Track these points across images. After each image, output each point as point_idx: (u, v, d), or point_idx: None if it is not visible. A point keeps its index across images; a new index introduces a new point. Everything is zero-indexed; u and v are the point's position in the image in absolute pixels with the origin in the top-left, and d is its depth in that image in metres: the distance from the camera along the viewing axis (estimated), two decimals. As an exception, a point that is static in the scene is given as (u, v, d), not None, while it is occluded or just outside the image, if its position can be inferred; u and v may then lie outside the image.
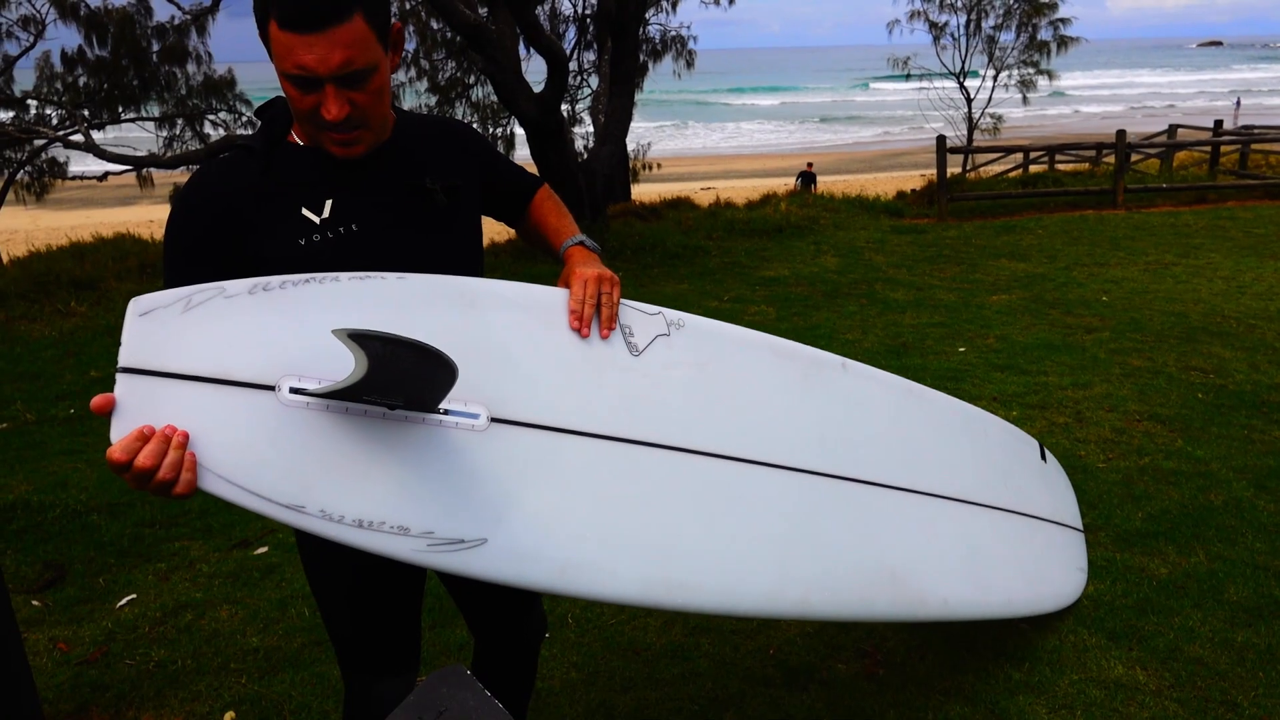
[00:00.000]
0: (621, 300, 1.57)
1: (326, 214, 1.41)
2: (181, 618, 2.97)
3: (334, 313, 1.33)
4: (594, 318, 1.52)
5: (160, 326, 1.25)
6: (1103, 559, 3.05)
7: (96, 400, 1.19)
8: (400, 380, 1.26)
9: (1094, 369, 5.13)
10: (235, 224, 1.37)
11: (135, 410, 1.21)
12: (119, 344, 1.25)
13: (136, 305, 1.25)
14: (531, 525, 1.42)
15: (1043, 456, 2.58)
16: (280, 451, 1.27)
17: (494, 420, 1.42)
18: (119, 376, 1.22)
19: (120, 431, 1.19)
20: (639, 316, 1.60)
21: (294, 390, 1.28)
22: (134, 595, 3.14)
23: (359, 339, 1.14)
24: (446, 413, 1.37)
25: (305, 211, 1.40)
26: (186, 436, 1.20)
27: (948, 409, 2.19)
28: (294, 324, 1.31)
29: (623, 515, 1.49)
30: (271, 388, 1.28)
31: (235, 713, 2.48)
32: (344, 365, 1.27)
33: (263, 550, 3.44)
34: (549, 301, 1.53)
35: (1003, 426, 2.44)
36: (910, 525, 1.93)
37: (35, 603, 3.11)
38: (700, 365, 1.65)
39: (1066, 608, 2.59)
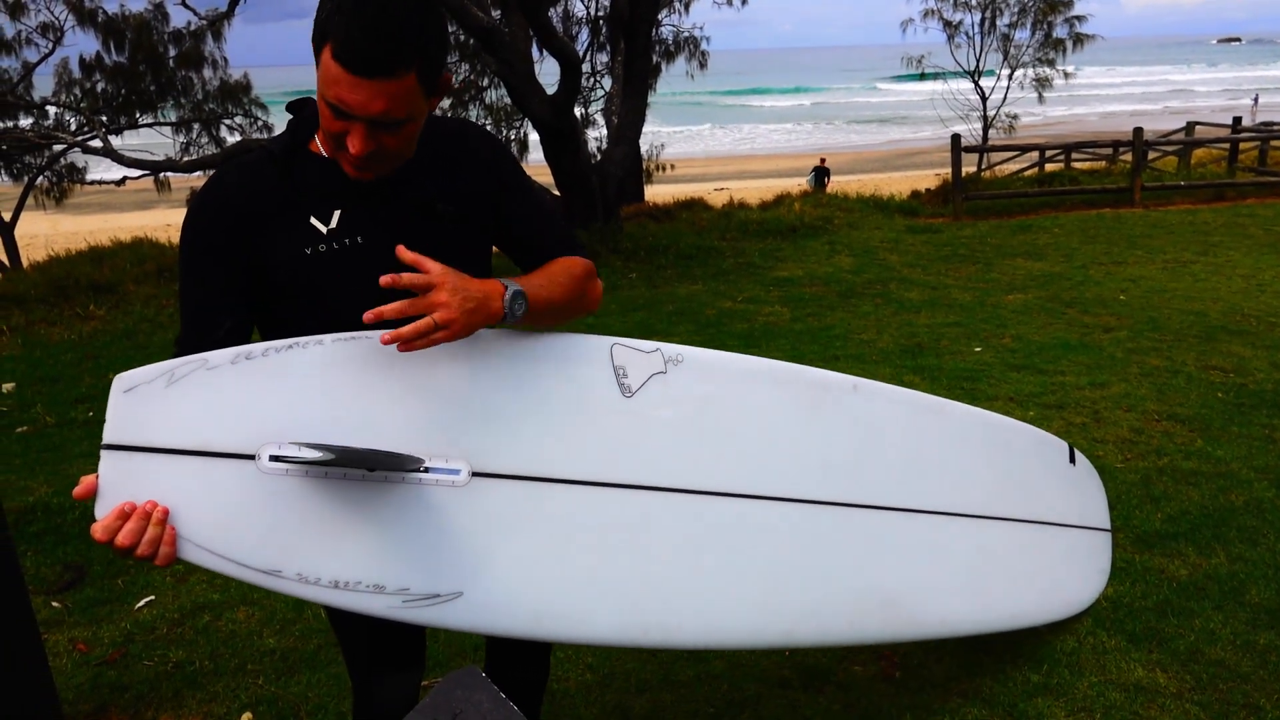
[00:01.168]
0: (618, 340, 1.53)
1: (334, 225, 1.40)
2: (199, 619, 2.99)
3: (317, 376, 1.36)
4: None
5: (144, 402, 1.29)
6: (1122, 560, 3.03)
7: (79, 489, 1.23)
8: (372, 457, 1.31)
9: (1111, 368, 5.09)
10: (248, 227, 1.38)
11: (119, 486, 1.25)
12: (138, 348, 1.27)
13: (120, 382, 1.29)
14: (507, 577, 1.44)
15: (1071, 460, 2.54)
16: (259, 519, 1.31)
17: (475, 474, 1.43)
18: (103, 453, 1.26)
19: (103, 510, 1.23)
20: (635, 356, 1.57)
21: (274, 458, 1.31)
22: (152, 596, 3.16)
23: (321, 449, 1.22)
24: (427, 470, 1.39)
25: (313, 220, 1.40)
26: (166, 513, 1.24)
27: (967, 421, 2.14)
28: (276, 391, 1.34)
29: (601, 560, 1.51)
30: (252, 457, 1.31)
31: (252, 713, 2.49)
32: (324, 430, 1.31)
33: (279, 552, 3.45)
34: (534, 350, 1.51)
35: (1029, 433, 2.38)
36: (911, 546, 1.91)
37: (55, 604, 3.14)
38: (700, 401, 1.62)
39: (1083, 611, 2.57)
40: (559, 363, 1.52)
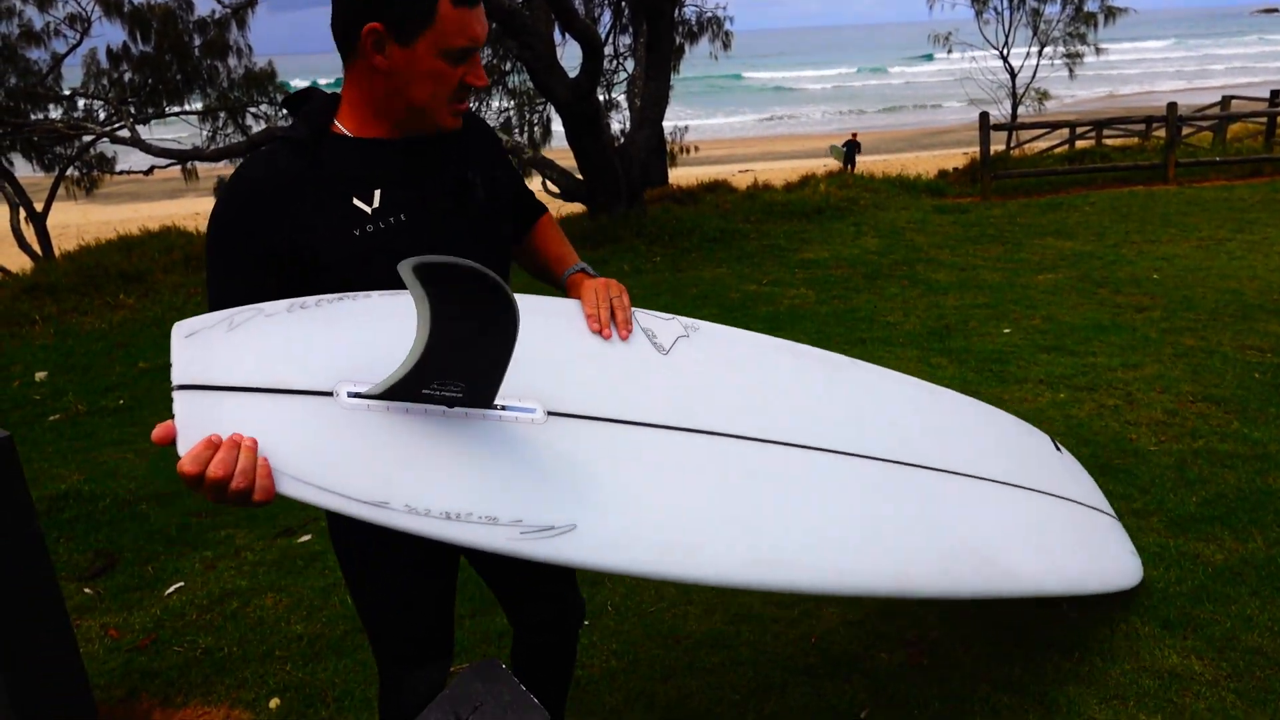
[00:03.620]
0: (635, 308, 1.63)
1: (377, 204, 1.43)
2: (228, 605, 3.02)
3: (373, 325, 1.35)
4: (610, 321, 1.60)
5: (206, 346, 1.25)
6: (1156, 545, 2.97)
7: (157, 432, 1.15)
8: (452, 368, 1.25)
9: (1145, 349, 4.99)
10: (282, 215, 1.37)
11: (198, 422, 1.18)
12: (166, 336, 1.25)
13: (180, 328, 1.25)
14: (619, 510, 1.41)
15: (1056, 449, 2.58)
16: (352, 452, 1.26)
17: (550, 414, 1.42)
18: (176, 395, 1.20)
19: (187, 444, 1.15)
20: (656, 321, 1.69)
21: (352, 394, 1.28)
22: (182, 583, 3.19)
23: (421, 271, 1.14)
24: (504, 408, 1.38)
25: (356, 202, 1.42)
26: (256, 443, 1.17)
27: (962, 403, 2.23)
28: (338, 336, 1.32)
29: (707, 500, 1.50)
30: (329, 393, 1.27)
31: (280, 699, 2.51)
32: (390, 372, 1.28)
33: (306, 538, 3.48)
34: (569, 311, 1.59)
35: (1013, 420, 2.49)
36: (970, 503, 1.96)
37: (87, 590, 3.18)
38: (730, 362, 1.70)
39: (1134, 587, 2.54)
40: (587, 321, 1.59)
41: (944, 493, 1.90)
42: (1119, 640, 2.52)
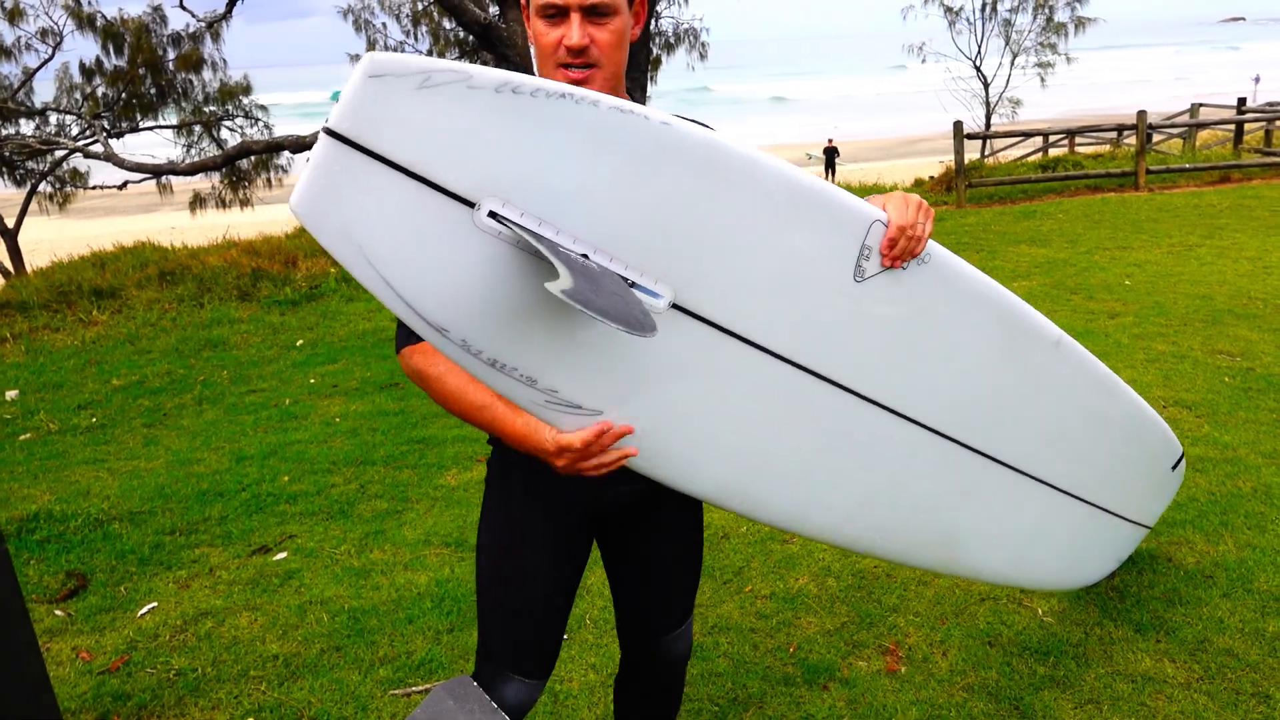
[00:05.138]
0: (880, 217, 1.50)
1: None
2: (201, 625, 2.98)
3: (572, 144, 1.23)
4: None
5: (387, 97, 1.14)
6: (1128, 549, 3.00)
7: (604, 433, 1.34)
8: (578, 264, 1.21)
9: (1117, 355, 5.05)
10: None
11: (329, 178, 1.14)
12: (140, 353, 1.23)
13: (371, 64, 1.12)
14: (653, 414, 1.40)
15: (1173, 467, 2.44)
16: (450, 271, 1.22)
17: (674, 306, 1.36)
18: (322, 136, 1.14)
19: (305, 188, 1.15)
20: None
21: (492, 214, 1.21)
22: (155, 604, 3.15)
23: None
24: (633, 285, 1.32)
25: None
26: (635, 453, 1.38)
27: (1127, 410, 2.10)
28: (525, 140, 1.21)
29: (738, 422, 1.50)
30: (472, 205, 1.21)
31: (255, 720, 2.48)
32: (550, 204, 1.23)
33: (282, 556, 3.45)
34: (803, 197, 1.41)
35: (1160, 431, 2.30)
36: (999, 502, 1.94)
37: (58, 612, 3.14)
38: (917, 310, 1.58)
39: (1088, 585, 2.54)
40: (812, 218, 1.44)
41: (978, 481, 1.87)
42: (1093, 644, 2.54)
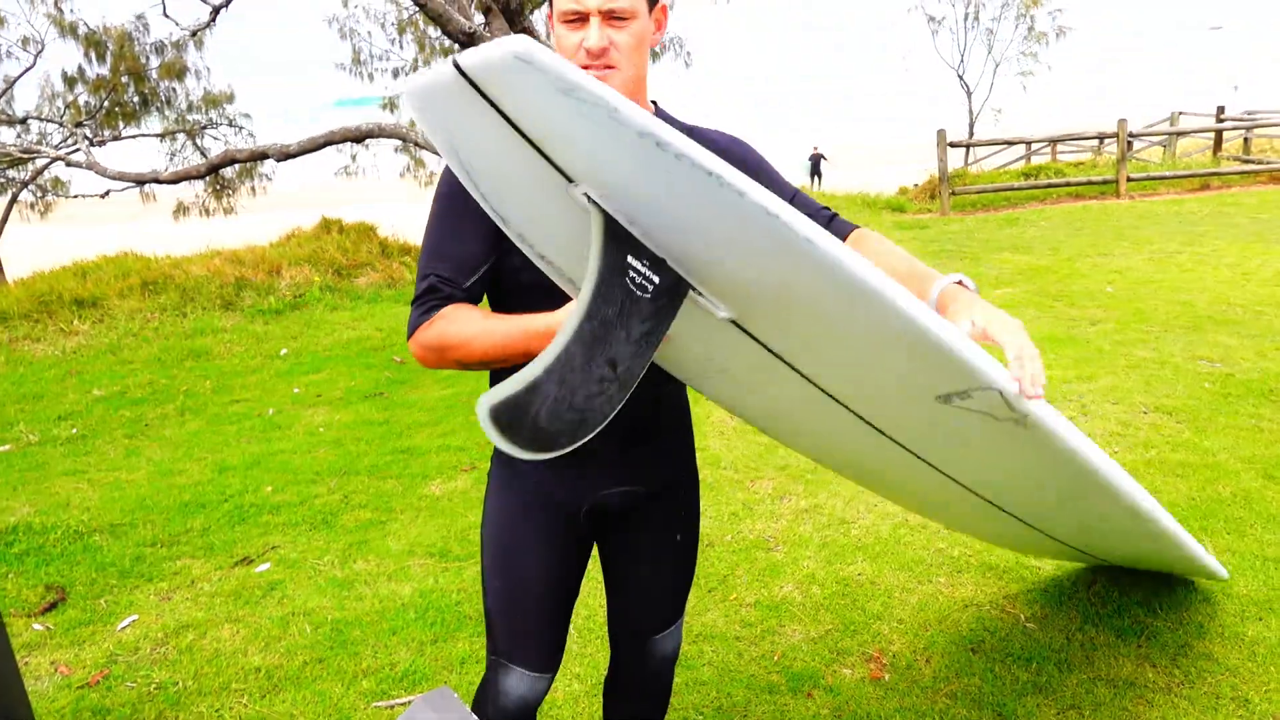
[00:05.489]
0: (999, 370, 1.45)
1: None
2: (183, 638, 2.96)
3: (704, 212, 1.17)
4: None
5: (524, 79, 1.08)
6: (1110, 555, 3.02)
7: None
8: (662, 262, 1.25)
9: (1099, 361, 5.09)
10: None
11: (446, 99, 1.14)
12: (122, 363, 1.22)
13: (524, 47, 1.05)
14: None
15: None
16: (531, 203, 1.30)
17: (734, 323, 1.36)
18: (451, 65, 1.09)
19: (416, 85, 1.16)
20: (996, 398, 1.44)
21: (587, 195, 1.22)
22: (135, 616, 3.13)
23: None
24: (697, 292, 1.30)
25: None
26: None
27: (1158, 531, 1.97)
28: (651, 186, 1.18)
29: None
30: (570, 180, 1.22)
31: (236, 733, 2.46)
32: (660, 225, 1.23)
33: (265, 567, 3.42)
34: (922, 346, 1.37)
35: (1194, 555, 2.25)
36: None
37: (37, 626, 3.11)
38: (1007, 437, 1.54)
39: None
40: (922, 354, 1.38)
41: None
42: (1075, 650, 2.56)
